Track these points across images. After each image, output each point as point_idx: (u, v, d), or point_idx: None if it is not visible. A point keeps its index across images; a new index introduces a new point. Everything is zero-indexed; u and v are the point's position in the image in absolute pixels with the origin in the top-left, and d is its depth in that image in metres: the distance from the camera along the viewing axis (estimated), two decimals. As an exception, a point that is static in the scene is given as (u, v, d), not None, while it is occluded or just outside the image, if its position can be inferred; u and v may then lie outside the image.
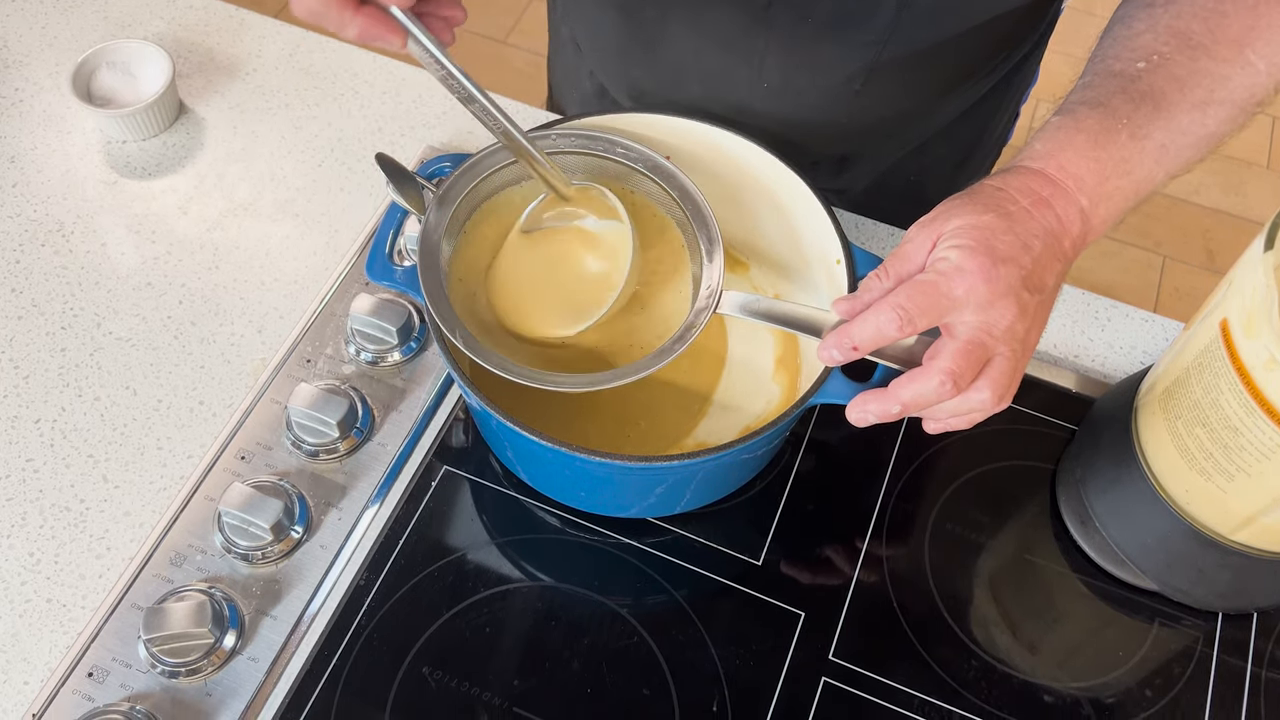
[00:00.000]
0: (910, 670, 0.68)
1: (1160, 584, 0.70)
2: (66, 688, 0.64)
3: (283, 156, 0.88)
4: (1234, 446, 0.59)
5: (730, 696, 0.66)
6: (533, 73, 2.10)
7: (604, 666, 0.67)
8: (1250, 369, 0.57)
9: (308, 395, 0.71)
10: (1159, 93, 0.58)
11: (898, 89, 0.78)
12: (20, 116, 0.89)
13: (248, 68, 0.93)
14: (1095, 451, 0.72)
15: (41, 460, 0.73)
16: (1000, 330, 0.54)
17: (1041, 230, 0.55)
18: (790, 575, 0.71)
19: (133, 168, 0.86)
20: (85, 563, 0.69)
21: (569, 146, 0.68)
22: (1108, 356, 0.81)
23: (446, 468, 0.74)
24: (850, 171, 0.89)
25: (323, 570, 0.69)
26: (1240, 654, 0.70)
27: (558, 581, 0.70)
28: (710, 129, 0.70)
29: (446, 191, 0.64)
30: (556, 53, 0.97)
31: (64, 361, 0.76)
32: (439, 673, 0.66)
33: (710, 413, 0.74)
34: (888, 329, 0.54)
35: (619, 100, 0.89)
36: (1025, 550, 0.73)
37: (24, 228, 0.83)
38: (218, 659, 0.65)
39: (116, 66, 0.87)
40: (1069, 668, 0.69)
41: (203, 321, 0.79)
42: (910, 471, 0.75)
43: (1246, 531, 0.64)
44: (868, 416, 0.57)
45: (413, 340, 0.76)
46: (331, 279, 0.80)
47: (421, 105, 0.91)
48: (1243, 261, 0.59)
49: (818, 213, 0.68)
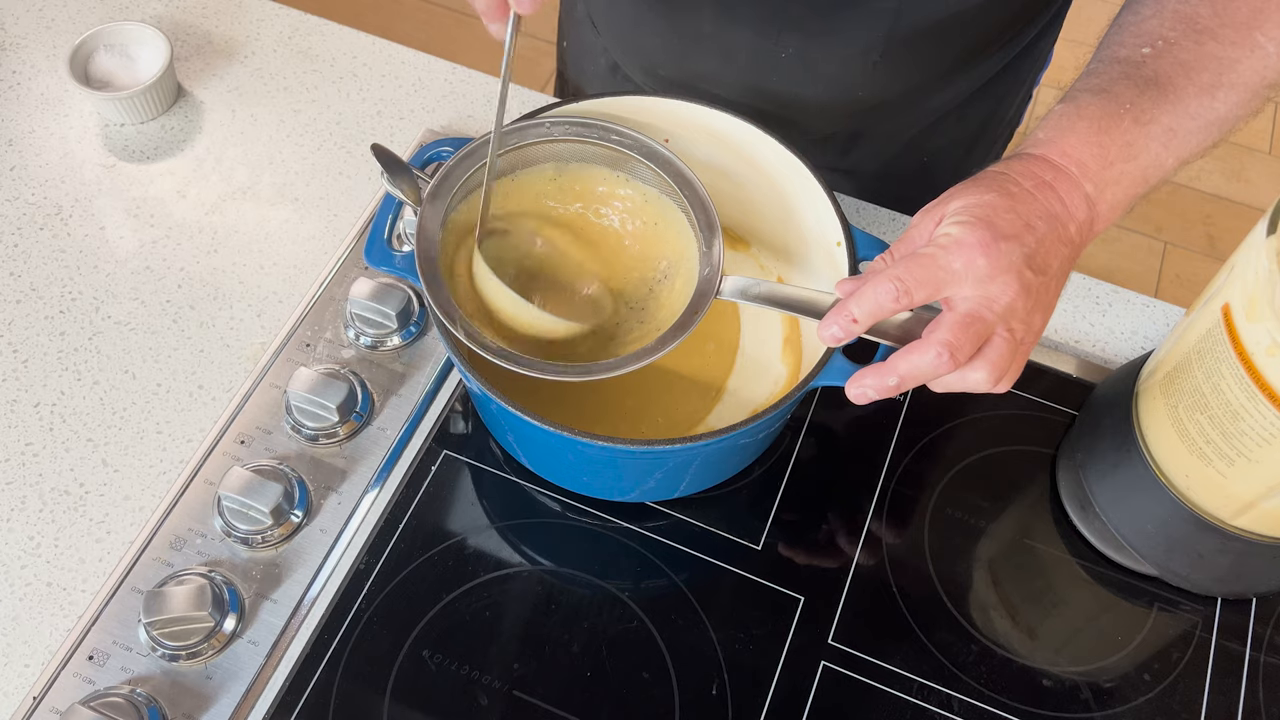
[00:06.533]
0: (909, 654, 0.68)
1: (1159, 569, 0.70)
2: (67, 670, 0.64)
3: (281, 140, 0.88)
4: (1235, 431, 0.59)
5: (730, 680, 0.66)
6: (533, 56, 2.09)
7: (604, 650, 0.67)
8: (1252, 354, 0.56)
9: (307, 379, 0.71)
10: (1165, 78, 0.58)
11: (914, 61, 0.77)
12: (17, 99, 0.88)
13: (246, 50, 0.92)
14: (1096, 437, 0.72)
15: (41, 444, 0.72)
16: (1001, 306, 0.54)
17: (1044, 212, 0.55)
18: (790, 560, 0.71)
19: (131, 151, 0.86)
20: (85, 546, 0.69)
21: (562, 134, 0.67)
22: (1109, 342, 0.81)
23: (446, 452, 0.73)
24: (860, 150, 0.89)
25: (323, 554, 0.69)
26: (1239, 639, 0.70)
27: (557, 565, 0.70)
28: (709, 112, 0.69)
29: (442, 180, 0.64)
30: (570, 31, 0.96)
31: (63, 345, 0.76)
32: (439, 656, 0.66)
33: (723, 400, 0.74)
34: (885, 301, 0.54)
35: (632, 77, 0.89)
36: (1025, 535, 0.73)
37: (22, 211, 0.82)
38: (218, 642, 0.65)
39: (114, 49, 0.87)
40: (1068, 652, 0.69)
41: (202, 305, 0.79)
42: (910, 456, 0.75)
43: (1246, 517, 0.64)
44: (866, 391, 0.57)
45: (412, 324, 0.76)
46: (331, 263, 0.80)
47: (421, 89, 0.91)
48: (1245, 246, 0.59)
49: (818, 195, 0.68)
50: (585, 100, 0.69)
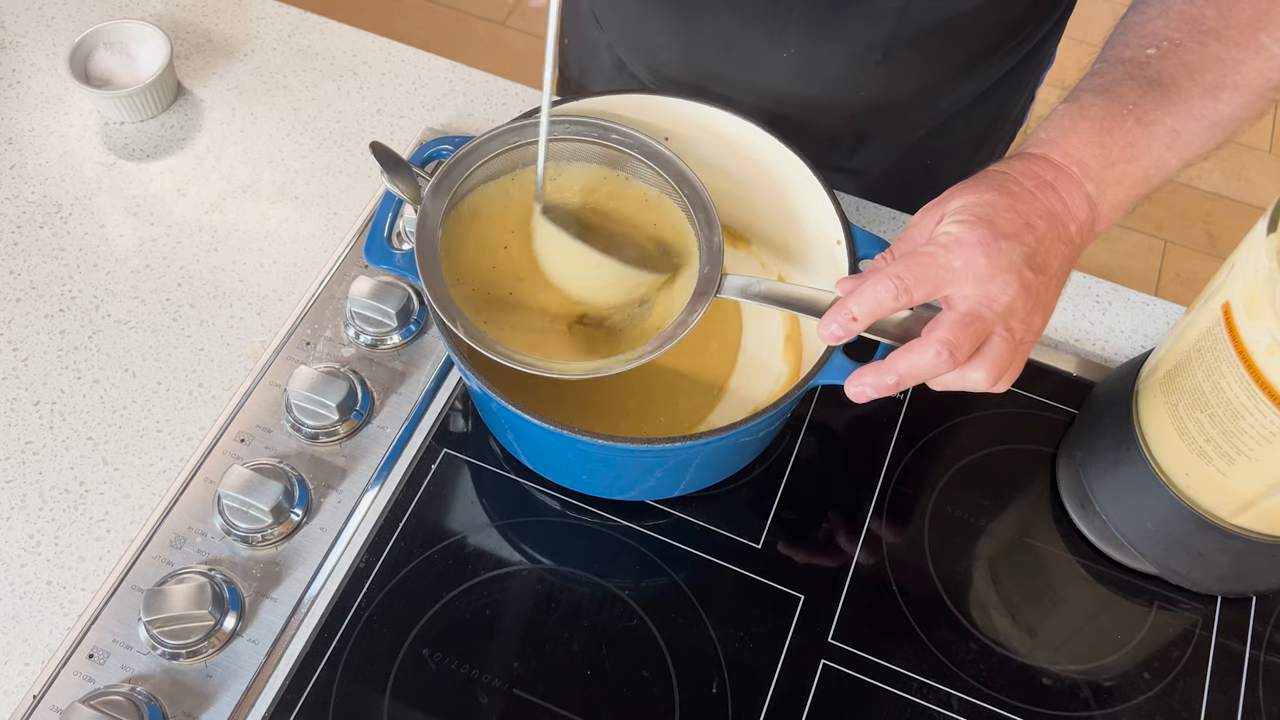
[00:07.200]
0: (909, 653, 0.68)
1: (1159, 568, 0.70)
2: (67, 669, 0.64)
3: (281, 138, 0.87)
4: (1235, 430, 0.59)
5: (730, 679, 0.66)
6: (532, 55, 2.09)
7: (604, 649, 0.67)
8: (1252, 352, 0.56)
9: (307, 378, 0.71)
10: (1168, 79, 0.58)
11: (917, 62, 0.77)
12: (17, 98, 0.88)
13: (246, 49, 0.92)
14: (1096, 435, 0.72)
15: (41, 443, 0.72)
16: (1000, 306, 0.54)
17: (1045, 211, 0.55)
18: (790, 558, 0.71)
19: (131, 149, 0.86)
20: (85, 545, 0.69)
21: (562, 133, 0.67)
22: (1108, 340, 0.81)
23: (446, 450, 0.73)
24: (866, 151, 0.89)
25: (323, 552, 0.69)
26: (1239, 638, 0.70)
27: (557, 564, 0.70)
28: (710, 110, 0.69)
29: (441, 179, 0.64)
30: (574, 27, 0.96)
31: (63, 344, 0.76)
32: (439, 654, 0.66)
33: (725, 399, 0.74)
34: (885, 299, 0.54)
35: (636, 74, 0.89)
36: (1025, 534, 0.73)
37: (22, 209, 0.82)
38: (218, 641, 0.65)
39: (114, 47, 0.87)
40: (1068, 651, 0.69)
41: (201, 304, 0.79)
42: (910, 455, 0.75)
43: (1246, 515, 0.64)
44: (865, 390, 0.57)
45: (412, 323, 0.76)
46: (330, 261, 0.80)
47: (421, 87, 0.91)
48: (1245, 244, 0.59)
49: (818, 193, 0.68)
50: (586, 99, 0.68)
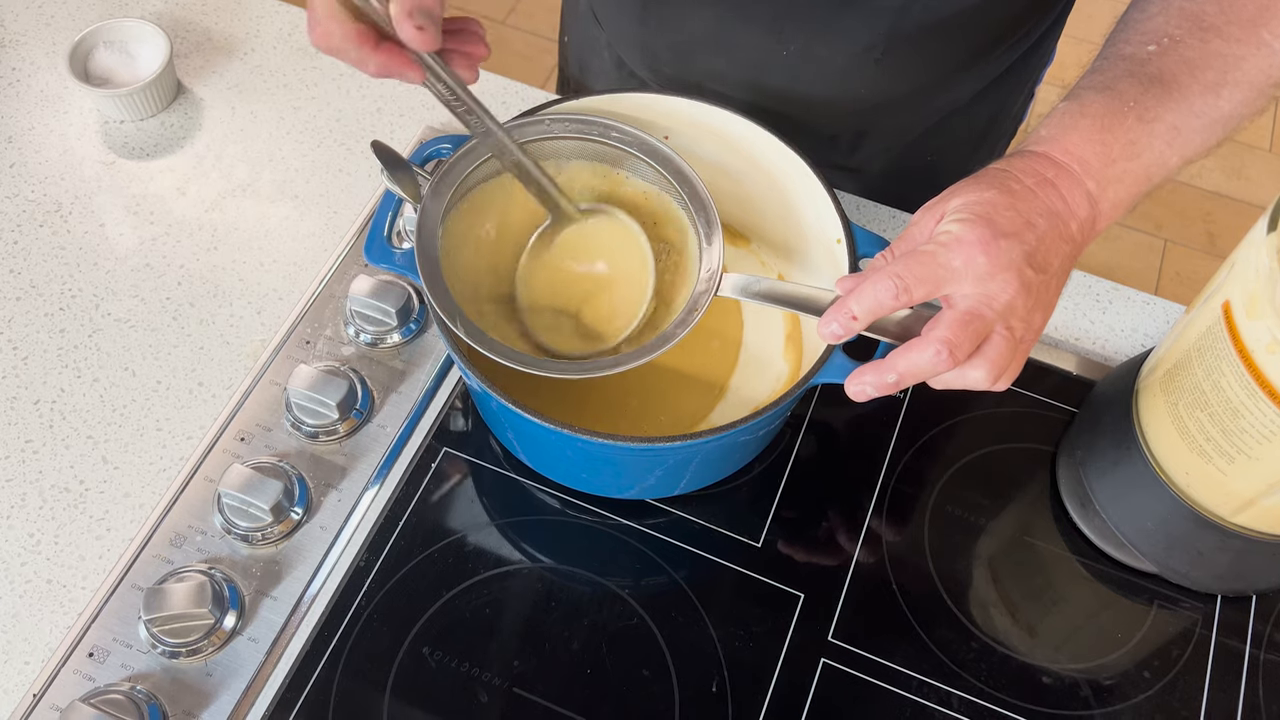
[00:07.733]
0: (909, 652, 0.68)
1: (1159, 566, 0.70)
2: (67, 668, 0.64)
3: (281, 137, 0.87)
4: (1235, 429, 0.59)
5: (730, 678, 0.66)
6: (533, 54, 2.09)
7: (604, 647, 0.67)
8: (1252, 351, 0.56)
9: (307, 377, 0.71)
10: (1169, 76, 0.58)
11: (917, 60, 0.77)
12: (17, 96, 0.88)
13: (246, 47, 0.92)
14: (1096, 434, 0.72)
15: (41, 441, 0.72)
16: (1000, 304, 0.54)
17: (1045, 209, 0.55)
18: (790, 557, 0.71)
19: (130, 148, 0.86)
20: (85, 544, 0.69)
21: (562, 131, 0.67)
22: (1109, 339, 0.81)
23: (446, 449, 0.73)
24: (866, 149, 0.89)
25: (323, 551, 0.69)
26: (1239, 636, 0.70)
27: (557, 563, 0.70)
28: (709, 109, 0.69)
29: (442, 178, 0.64)
30: (574, 26, 0.96)
31: (63, 343, 0.76)
32: (439, 653, 0.66)
33: (726, 397, 0.74)
34: (885, 298, 0.54)
35: (636, 73, 0.88)
36: (1025, 532, 0.73)
37: (21, 208, 0.82)
38: (218, 639, 0.65)
39: (114, 46, 0.87)
40: (1067, 649, 0.69)
41: (201, 303, 0.79)
42: (910, 454, 0.75)
43: (1246, 514, 0.64)
44: (865, 389, 0.57)
45: (412, 322, 0.76)
46: (330, 260, 0.80)
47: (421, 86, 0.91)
48: (1245, 243, 0.59)
49: (818, 192, 0.68)
50: (585, 97, 0.68)
